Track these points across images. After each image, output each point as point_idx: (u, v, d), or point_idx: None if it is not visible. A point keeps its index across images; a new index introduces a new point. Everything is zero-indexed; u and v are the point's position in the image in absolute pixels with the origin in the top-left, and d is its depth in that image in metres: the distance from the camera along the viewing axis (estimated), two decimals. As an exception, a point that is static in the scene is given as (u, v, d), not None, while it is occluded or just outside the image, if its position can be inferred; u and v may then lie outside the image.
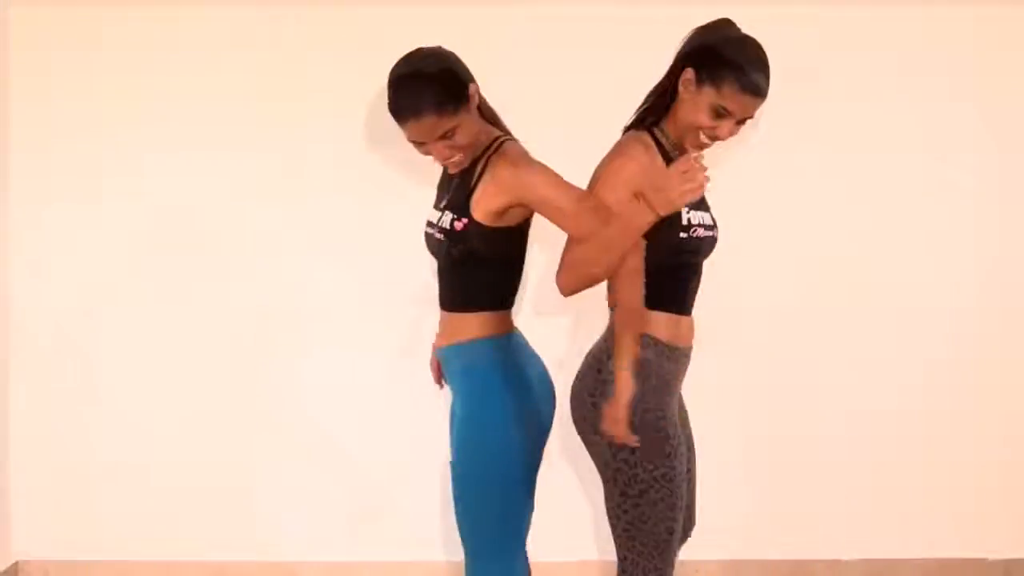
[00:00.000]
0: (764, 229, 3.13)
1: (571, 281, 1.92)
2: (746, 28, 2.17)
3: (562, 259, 1.93)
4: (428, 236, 2.09)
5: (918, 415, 3.19)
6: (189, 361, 3.21)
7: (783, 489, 3.19)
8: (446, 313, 2.08)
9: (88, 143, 3.16)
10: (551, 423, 2.09)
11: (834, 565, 3.22)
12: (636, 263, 1.90)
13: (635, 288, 1.91)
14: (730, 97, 1.88)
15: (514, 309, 2.13)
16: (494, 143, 1.99)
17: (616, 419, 1.90)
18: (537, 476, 2.07)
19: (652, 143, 1.97)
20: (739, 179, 3.07)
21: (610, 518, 2.04)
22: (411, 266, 3.06)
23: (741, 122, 1.93)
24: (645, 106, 2.03)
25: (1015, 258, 3.20)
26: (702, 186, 1.82)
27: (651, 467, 1.94)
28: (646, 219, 1.84)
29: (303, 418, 3.22)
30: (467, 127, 1.95)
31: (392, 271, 3.14)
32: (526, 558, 2.16)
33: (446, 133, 1.94)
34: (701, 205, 2.01)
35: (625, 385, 1.90)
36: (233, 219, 3.17)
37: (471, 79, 1.98)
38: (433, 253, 2.08)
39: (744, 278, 3.11)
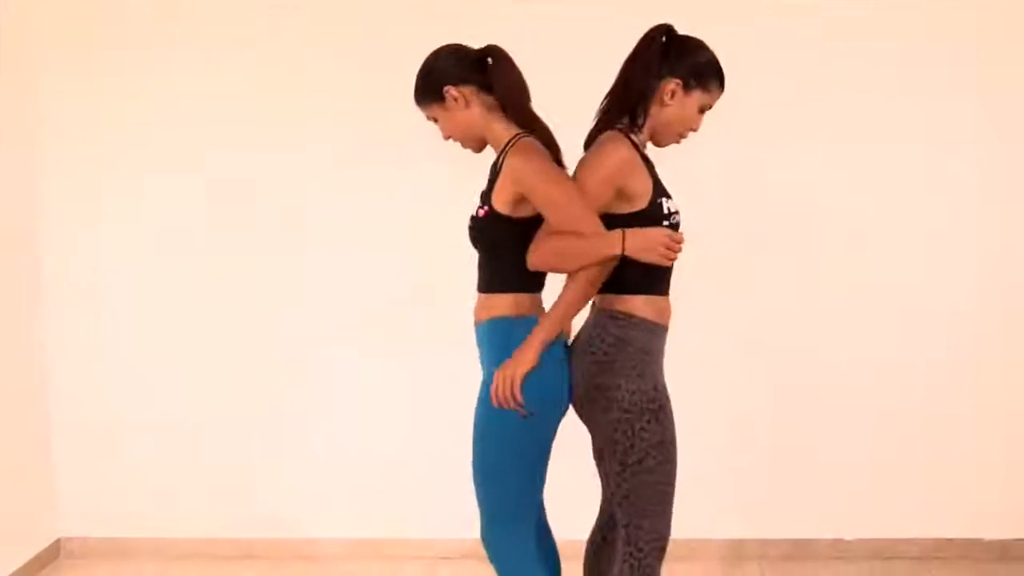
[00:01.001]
0: (764, 217, 3.20)
1: (539, 263, 2.09)
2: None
3: (540, 240, 2.05)
4: None
5: (918, 400, 3.25)
6: (219, 354, 3.37)
7: (786, 470, 3.27)
8: (480, 294, 2.22)
9: (117, 137, 3.31)
10: (569, 401, 2.18)
11: (836, 544, 3.30)
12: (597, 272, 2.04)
13: (594, 288, 2.06)
14: (715, 94, 2.15)
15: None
16: (513, 139, 2.14)
17: (511, 379, 2.02)
18: (552, 447, 2.17)
19: (631, 144, 2.09)
20: (735, 171, 3.16)
21: (610, 487, 2.16)
22: (414, 264, 3.25)
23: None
24: (614, 108, 2.14)
25: (1015, 242, 3.23)
26: (671, 260, 2.02)
27: (647, 435, 2.06)
28: (614, 252, 1.99)
29: (325, 406, 3.36)
30: (446, 120, 2.20)
31: (405, 268, 3.29)
32: (547, 526, 2.30)
33: (430, 119, 2.24)
34: (667, 191, 2.14)
35: (535, 355, 2.03)
36: (266, 208, 3.32)
37: (454, 81, 2.13)
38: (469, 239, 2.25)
39: (747, 263, 3.21)
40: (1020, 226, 3.21)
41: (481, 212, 2.14)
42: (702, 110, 2.15)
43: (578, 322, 2.17)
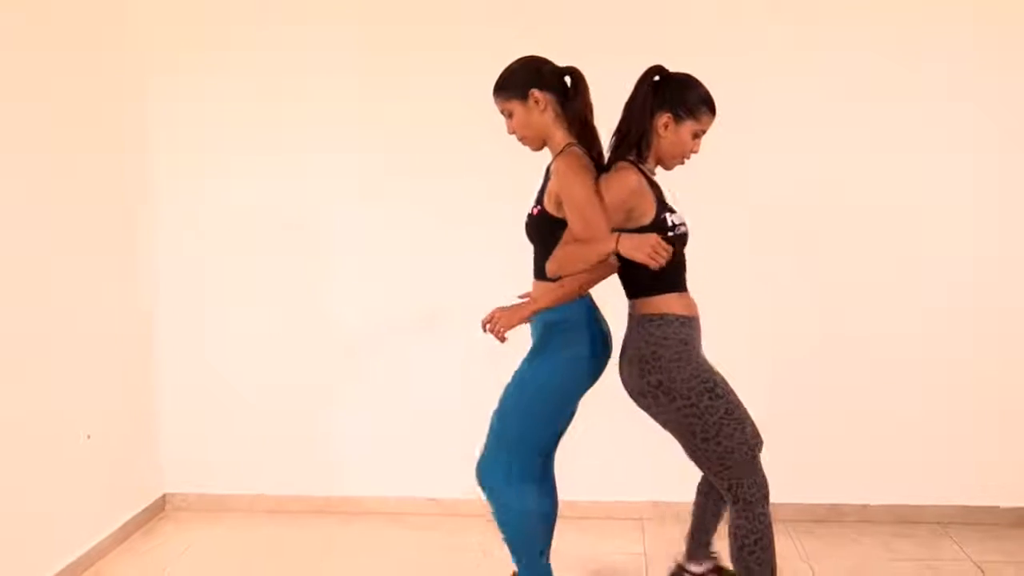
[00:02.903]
0: (767, 217, 3.40)
1: (553, 271, 2.36)
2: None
3: (558, 249, 2.33)
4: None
5: (937, 376, 3.41)
6: (304, 330, 3.64)
7: (817, 439, 3.45)
8: (535, 281, 2.52)
9: (215, 139, 3.60)
10: (599, 375, 2.49)
11: (863, 509, 3.49)
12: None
13: (588, 283, 2.36)
14: (706, 121, 2.42)
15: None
16: (565, 147, 2.41)
17: (500, 328, 2.34)
18: (575, 409, 2.50)
19: (640, 172, 2.38)
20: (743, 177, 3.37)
21: (700, 464, 2.44)
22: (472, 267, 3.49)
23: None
24: (622, 144, 2.42)
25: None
26: (657, 263, 2.22)
27: (712, 410, 2.35)
28: (609, 248, 2.24)
29: (398, 380, 3.63)
30: (520, 116, 2.44)
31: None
32: (553, 477, 2.63)
33: (504, 112, 2.46)
34: (670, 208, 2.42)
35: (543, 303, 2.35)
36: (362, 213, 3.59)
37: (539, 86, 2.40)
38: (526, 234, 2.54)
39: (751, 253, 3.41)
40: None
41: (535, 211, 2.44)
42: (696, 136, 2.41)
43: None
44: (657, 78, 2.41)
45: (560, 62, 2.50)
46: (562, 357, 2.43)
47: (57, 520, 3.08)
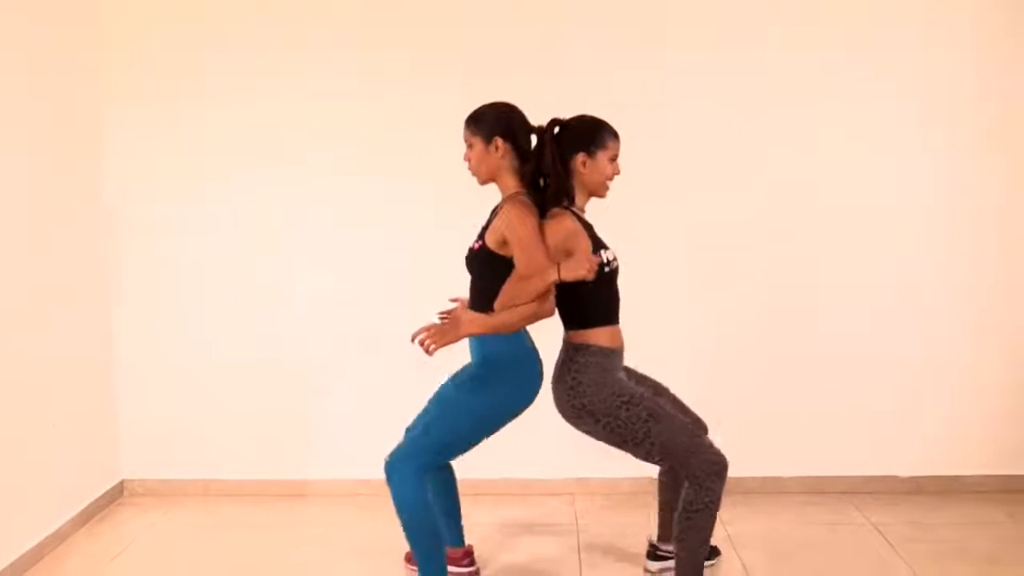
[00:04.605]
0: (760, 214, 3.65)
1: (501, 304, 2.54)
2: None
3: (506, 286, 2.53)
4: None
5: (843, 363, 3.69)
6: (267, 315, 3.77)
7: (730, 417, 3.55)
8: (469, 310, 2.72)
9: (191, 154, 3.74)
10: (529, 403, 2.69)
11: (774, 481, 3.74)
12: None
13: (530, 317, 2.52)
14: (613, 147, 2.66)
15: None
16: (515, 194, 2.64)
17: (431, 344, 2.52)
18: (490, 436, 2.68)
19: (574, 216, 2.62)
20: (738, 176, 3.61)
21: (645, 460, 2.67)
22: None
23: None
24: (550, 194, 2.63)
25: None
26: (591, 272, 2.46)
27: (634, 417, 2.57)
28: (553, 277, 2.47)
29: (360, 361, 3.77)
30: (479, 153, 2.65)
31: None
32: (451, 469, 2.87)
33: (467, 142, 2.66)
34: (604, 244, 2.65)
35: (471, 329, 2.55)
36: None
37: (503, 135, 2.61)
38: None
39: (725, 252, 3.65)
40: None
41: (476, 246, 2.65)
42: (612, 159, 2.65)
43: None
44: (557, 129, 2.65)
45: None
46: (502, 392, 2.64)
47: (17, 507, 3.15)
